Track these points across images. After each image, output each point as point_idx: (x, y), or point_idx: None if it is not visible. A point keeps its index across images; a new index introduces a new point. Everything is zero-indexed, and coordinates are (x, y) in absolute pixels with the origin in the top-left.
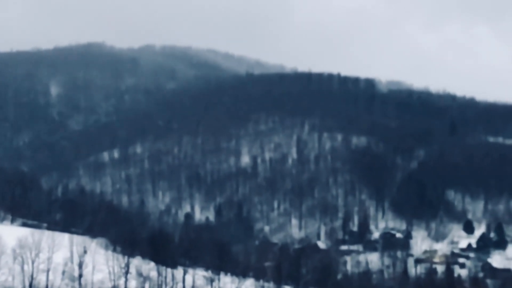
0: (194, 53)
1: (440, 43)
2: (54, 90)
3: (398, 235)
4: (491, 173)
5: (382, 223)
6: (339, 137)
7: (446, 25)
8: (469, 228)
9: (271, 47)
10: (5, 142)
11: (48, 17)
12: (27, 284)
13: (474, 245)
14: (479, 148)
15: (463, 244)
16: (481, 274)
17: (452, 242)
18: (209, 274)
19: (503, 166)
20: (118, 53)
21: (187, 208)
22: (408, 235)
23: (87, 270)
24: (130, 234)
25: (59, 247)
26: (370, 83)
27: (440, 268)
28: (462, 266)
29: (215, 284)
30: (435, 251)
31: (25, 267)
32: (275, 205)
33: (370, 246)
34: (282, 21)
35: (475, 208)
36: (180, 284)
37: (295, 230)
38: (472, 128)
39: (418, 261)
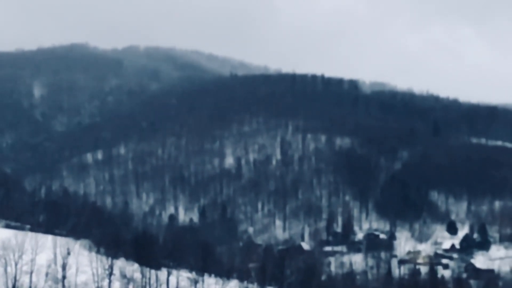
0: (178, 54)
1: (424, 45)
2: (37, 91)
3: (382, 236)
4: (474, 174)
5: (366, 224)
6: (323, 138)
7: (430, 26)
8: (452, 229)
9: (255, 49)
10: None
11: (31, 18)
12: (10, 286)
13: (457, 246)
14: (463, 149)
15: (447, 245)
16: (464, 275)
17: (436, 243)
18: (193, 275)
19: (486, 167)
20: (102, 54)
21: (171, 210)
22: (391, 236)
23: (70, 272)
24: (114, 236)
25: (43, 249)
26: (353, 84)
27: (423, 269)
28: (446, 267)
29: (199, 285)
30: (418, 252)
31: (8, 269)
32: (259, 206)
33: (354, 247)
34: (266, 23)
35: (459, 209)
36: (164, 286)
37: (279, 231)
38: (455, 129)
39: (401, 262)
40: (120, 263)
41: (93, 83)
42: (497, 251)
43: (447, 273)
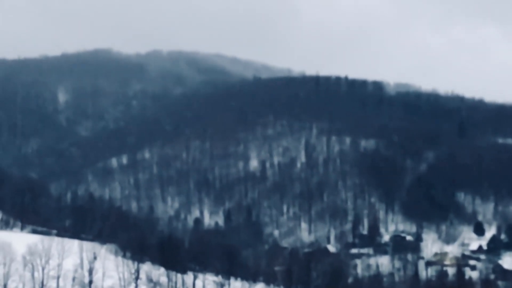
0: (201, 58)
1: (448, 44)
2: (62, 97)
3: (408, 237)
4: (501, 174)
5: (392, 226)
6: (348, 140)
7: (454, 26)
8: (479, 230)
9: (278, 51)
10: (14, 149)
11: (55, 24)
12: None
13: (485, 247)
14: (489, 149)
15: (474, 246)
16: (492, 276)
17: (463, 244)
18: (219, 279)
19: None
20: (125, 59)
21: (196, 213)
22: (418, 238)
23: (97, 276)
24: (140, 240)
25: (69, 254)
26: (378, 86)
27: (451, 271)
28: (473, 268)
29: None
30: (445, 254)
31: (36, 274)
32: (285, 209)
33: (380, 249)
34: (289, 25)
35: (485, 210)
36: None
37: (305, 234)
38: (481, 129)
39: (428, 263)
40: (146, 267)
41: (117, 88)
42: None
43: (474, 275)
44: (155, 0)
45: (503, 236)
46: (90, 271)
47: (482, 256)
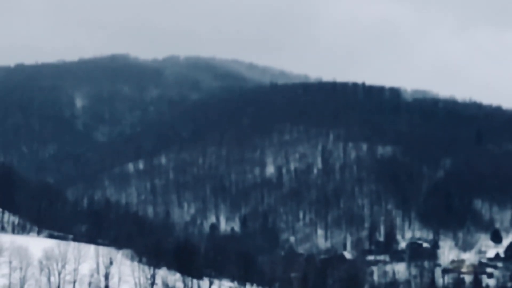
0: (218, 64)
1: (466, 52)
2: (79, 102)
3: (425, 245)
4: None
5: (409, 233)
6: (365, 146)
7: (472, 32)
8: (496, 238)
9: (295, 57)
10: (31, 154)
11: (72, 29)
12: None
13: (502, 255)
14: (506, 156)
15: (491, 253)
16: (509, 284)
17: (480, 252)
18: (235, 285)
19: None
20: (143, 65)
21: (212, 219)
22: (435, 245)
23: (113, 281)
24: (156, 245)
25: (85, 259)
26: (395, 92)
27: (468, 278)
28: (490, 276)
29: None
30: (462, 261)
31: (52, 278)
32: (301, 215)
33: (397, 256)
34: (306, 31)
35: (503, 217)
36: None
37: (321, 241)
38: (498, 136)
39: (445, 271)
40: (162, 273)
41: (134, 93)
42: None
43: (491, 282)
44: (172, 5)
45: None
46: (106, 276)
47: (499, 264)
